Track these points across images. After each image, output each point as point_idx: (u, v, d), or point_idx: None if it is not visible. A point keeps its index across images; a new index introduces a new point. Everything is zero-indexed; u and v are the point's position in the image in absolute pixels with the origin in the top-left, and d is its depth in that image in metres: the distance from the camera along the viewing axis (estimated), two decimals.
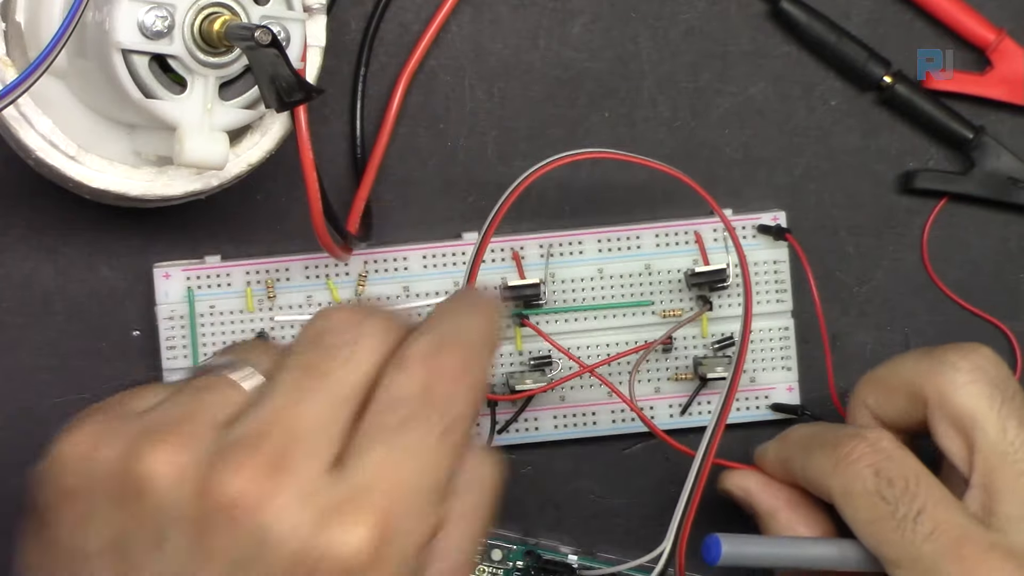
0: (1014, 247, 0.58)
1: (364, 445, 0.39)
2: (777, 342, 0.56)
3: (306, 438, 0.38)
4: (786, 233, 0.55)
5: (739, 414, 0.56)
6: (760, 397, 0.56)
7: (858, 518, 0.48)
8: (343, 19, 0.54)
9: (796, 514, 0.51)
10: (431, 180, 0.55)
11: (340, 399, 0.39)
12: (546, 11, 0.55)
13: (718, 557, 0.48)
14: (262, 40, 0.42)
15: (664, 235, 0.55)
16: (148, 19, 0.43)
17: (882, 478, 0.47)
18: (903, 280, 0.57)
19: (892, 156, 0.57)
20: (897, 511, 0.47)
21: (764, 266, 0.56)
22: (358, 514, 0.38)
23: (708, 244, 0.55)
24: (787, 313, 0.56)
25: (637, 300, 0.55)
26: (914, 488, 0.47)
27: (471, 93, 0.55)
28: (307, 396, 0.39)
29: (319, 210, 0.45)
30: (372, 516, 0.38)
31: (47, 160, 0.47)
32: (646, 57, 0.56)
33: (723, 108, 0.56)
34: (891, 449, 0.48)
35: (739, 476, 0.53)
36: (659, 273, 0.55)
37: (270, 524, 0.37)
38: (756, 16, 0.56)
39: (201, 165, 0.45)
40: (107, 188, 0.47)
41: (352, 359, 0.40)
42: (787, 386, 0.56)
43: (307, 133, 0.45)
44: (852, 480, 0.48)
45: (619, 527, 0.57)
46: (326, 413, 0.39)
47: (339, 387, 0.40)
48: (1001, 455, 0.47)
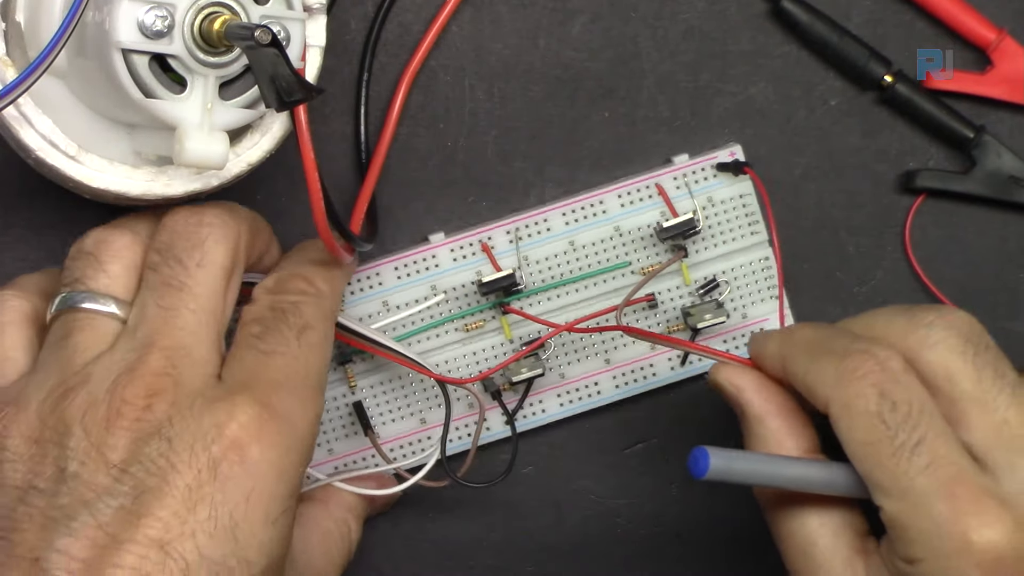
0: (1014, 247, 0.58)
1: (234, 353, 0.46)
2: (761, 274, 0.56)
3: (183, 351, 0.44)
4: (744, 167, 0.54)
5: (737, 352, 0.55)
6: (756, 330, 0.56)
7: (854, 437, 0.46)
8: (343, 19, 0.54)
9: (786, 423, 0.49)
10: (431, 180, 0.55)
11: (202, 307, 0.45)
12: (546, 11, 0.55)
13: (705, 470, 0.46)
14: (262, 40, 0.42)
15: (627, 194, 0.55)
16: (148, 19, 0.43)
17: (886, 400, 0.45)
18: (903, 280, 0.57)
19: (892, 156, 0.57)
20: (896, 437, 0.45)
21: (732, 202, 0.55)
22: (242, 399, 0.44)
23: (672, 194, 0.55)
24: (764, 243, 0.56)
25: (614, 263, 0.55)
26: (916, 416, 0.45)
27: (471, 93, 0.55)
28: (172, 314, 0.45)
29: (321, 209, 0.45)
30: (253, 399, 0.44)
31: (47, 160, 0.47)
32: (646, 57, 0.56)
33: (723, 108, 0.56)
34: (899, 371, 0.46)
35: (734, 371, 0.50)
36: (629, 233, 0.55)
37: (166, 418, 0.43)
38: (756, 16, 0.56)
39: (201, 165, 0.45)
40: (107, 188, 0.47)
41: (203, 263, 0.46)
42: (779, 315, 0.56)
43: (308, 133, 0.45)
44: (855, 397, 0.46)
45: (619, 527, 0.57)
46: (192, 323, 0.45)
47: (198, 297, 0.45)
48: (981, 405, 0.46)
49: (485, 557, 0.56)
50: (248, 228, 0.48)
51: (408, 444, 0.55)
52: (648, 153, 0.56)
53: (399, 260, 0.54)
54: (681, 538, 0.57)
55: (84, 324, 0.46)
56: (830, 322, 0.55)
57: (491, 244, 0.54)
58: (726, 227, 0.55)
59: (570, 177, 0.55)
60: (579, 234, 0.55)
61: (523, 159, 0.55)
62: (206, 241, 0.46)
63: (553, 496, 0.57)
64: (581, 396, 0.56)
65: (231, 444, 0.43)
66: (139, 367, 0.44)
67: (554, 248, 0.55)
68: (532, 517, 0.56)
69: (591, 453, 0.57)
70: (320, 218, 0.45)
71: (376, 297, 0.54)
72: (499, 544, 0.56)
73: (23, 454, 0.44)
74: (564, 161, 0.55)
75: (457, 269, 0.54)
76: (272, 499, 0.43)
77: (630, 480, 0.57)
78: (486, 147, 0.55)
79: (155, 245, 0.46)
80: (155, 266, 0.46)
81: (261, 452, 0.43)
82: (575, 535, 0.57)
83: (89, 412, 0.43)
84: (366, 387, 0.55)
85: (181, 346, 0.44)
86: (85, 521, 0.42)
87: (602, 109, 0.56)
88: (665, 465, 0.57)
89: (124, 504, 0.42)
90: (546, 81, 0.55)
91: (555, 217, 0.55)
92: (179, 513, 0.42)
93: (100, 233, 0.47)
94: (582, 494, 0.57)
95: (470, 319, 0.55)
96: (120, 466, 0.42)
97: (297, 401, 0.45)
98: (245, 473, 0.43)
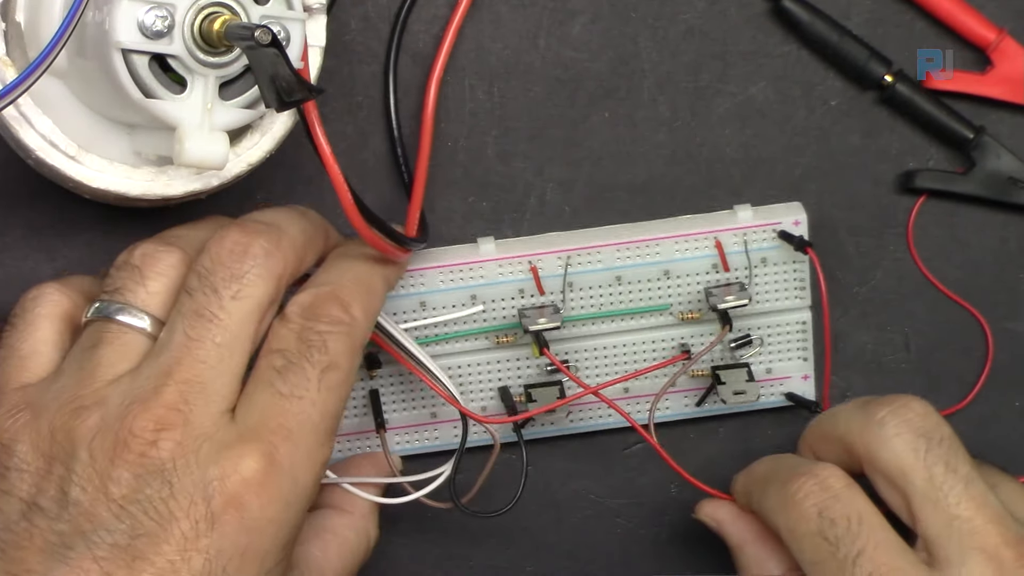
0: (1014, 247, 0.58)
1: (251, 390, 0.45)
2: (795, 334, 0.56)
3: (200, 387, 0.44)
4: (807, 247, 0.54)
5: (755, 402, 0.56)
6: (775, 385, 0.56)
7: (803, 558, 0.48)
8: (343, 19, 0.54)
9: (764, 549, 0.52)
10: (431, 180, 0.55)
11: (228, 342, 0.44)
12: (546, 11, 0.55)
13: None
14: (262, 40, 0.42)
15: (684, 241, 0.55)
16: (148, 19, 0.43)
17: (825, 518, 0.48)
18: (903, 280, 0.57)
19: (892, 156, 0.57)
20: (838, 551, 0.47)
21: (784, 266, 0.55)
22: (248, 449, 0.43)
23: (728, 248, 0.55)
24: (806, 308, 0.56)
25: (655, 304, 0.55)
26: (856, 529, 0.47)
27: (471, 93, 0.55)
28: (196, 345, 0.44)
29: (351, 203, 0.45)
30: (261, 449, 0.43)
31: (47, 160, 0.47)
32: (646, 57, 0.55)
33: (723, 108, 0.56)
34: (838, 488, 0.48)
35: (711, 506, 0.54)
36: (677, 277, 0.55)
37: (170, 458, 0.42)
38: (756, 16, 0.56)
39: (201, 165, 0.45)
40: (107, 188, 0.47)
41: (239, 296, 0.45)
42: (803, 375, 0.56)
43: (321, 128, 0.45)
44: (797, 520, 0.48)
45: (619, 527, 0.57)
46: (215, 357, 0.44)
47: (227, 330, 0.44)
48: (933, 502, 0.47)
49: (485, 557, 0.56)
50: (297, 260, 0.47)
51: (415, 432, 0.55)
52: (648, 153, 0.56)
53: (445, 266, 0.54)
54: (681, 538, 0.57)
55: (114, 337, 0.45)
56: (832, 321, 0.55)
57: (540, 267, 0.54)
58: (772, 287, 0.55)
59: (571, 177, 0.55)
60: (628, 271, 0.55)
61: (523, 159, 0.55)
62: (247, 274, 0.45)
63: (553, 496, 0.57)
64: (592, 417, 0.56)
65: (231, 499, 0.43)
66: (152, 399, 0.43)
67: (600, 279, 0.55)
68: (532, 517, 0.56)
69: (590, 453, 0.57)
70: (353, 215, 0.45)
71: (415, 296, 0.54)
72: (499, 544, 0.56)
73: (31, 464, 0.43)
74: (564, 161, 0.55)
75: (501, 283, 0.54)
76: (268, 553, 0.43)
77: (630, 480, 0.57)
78: (486, 147, 0.55)
79: (196, 267, 0.45)
80: (191, 291, 0.45)
81: (261, 509, 0.43)
82: (575, 535, 0.57)
83: (98, 437, 0.43)
84: (384, 375, 0.54)
85: (198, 380, 0.44)
86: (82, 553, 0.42)
87: (602, 109, 0.55)
88: (665, 465, 0.56)
89: (120, 543, 0.42)
90: (546, 81, 0.55)
91: (608, 252, 0.55)
92: (173, 562, 0.42)
93: (149, 246, 0.46)
94: (582, 494, 0.57)
95: (503, 334, 0.54)
96: (120, 502, 0.42)
97: (305, 453, 0.44)
98: (243, 529, 0.43)
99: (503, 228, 0.55)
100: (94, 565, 0.42)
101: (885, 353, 0.58)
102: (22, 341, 0.47)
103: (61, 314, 0.47)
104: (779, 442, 0.57)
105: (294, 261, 0.46)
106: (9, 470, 0.44)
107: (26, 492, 0.43)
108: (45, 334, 0.47)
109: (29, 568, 0.42)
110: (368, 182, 0.54)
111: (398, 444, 0.55)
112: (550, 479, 0.57)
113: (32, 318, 0.47)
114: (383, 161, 0.54)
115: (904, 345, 0.58)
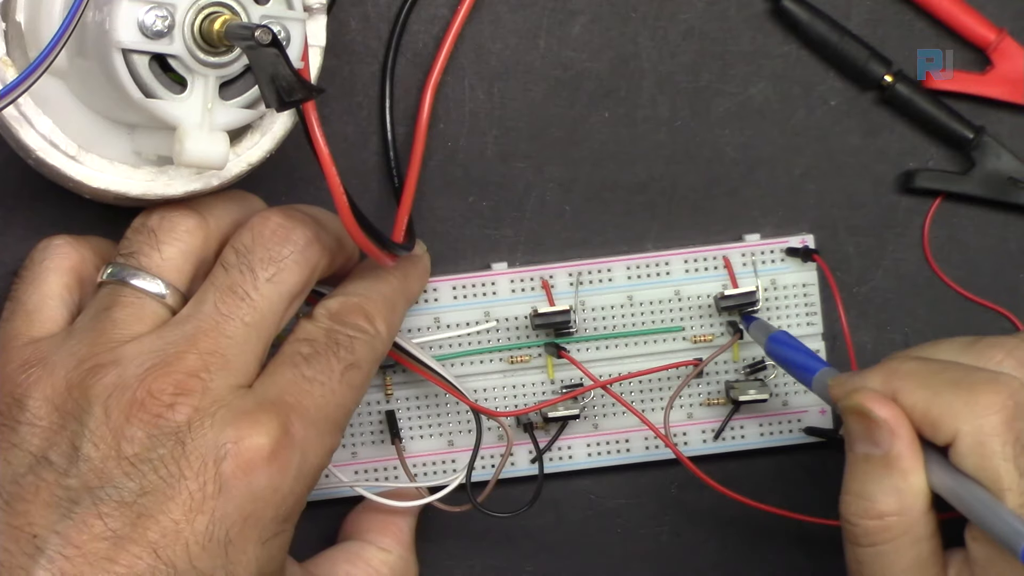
0: (1014, 247, 0.58)
1: (273, 369, 0.45)
2: None
3: (223, 359, 0.44)
4: (813, 254, 0.55)
5: (772, 438, 0.56)
6: (792, 420, 0.56)
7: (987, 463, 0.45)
8: (343, 19, 0.54)
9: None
10: (431, 180, 0.55)
11: (257, 322, 0.45)
12: (546, 11, 0.55)
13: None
14: (262, 40, 0.42)
15: (693, 260, 0.55)
16: (148, 19, 0.43)
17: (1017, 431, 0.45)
18: (903, 280, 0.57)
19: (892, 156, 0.57)
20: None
21: (793, 289, 0.55)
22: (265, 418, 0.43)
23: (737, 269, 0.55)
24: (818, 336, 0.56)
25: (668, 326, 0.55)
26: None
27: (471, 93, 0.55)
28: (225, 320, 0.45)
29: (346, 206, 0.45)
30: (276, 422, 0.44)
31: (47, 160, 0.47)
32: (646, 57, 0.56)
33: (723, 108, 0.56)
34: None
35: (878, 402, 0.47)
36: (689, 299, 0.55)
37: (186, 422, 0.43)
38: (756, 16, 0.56)
39: (201, 165, 0.45)
40: (107, 188, 0.47)
41: (274, 280, 0.45)
42: (819, 409, 0.56)
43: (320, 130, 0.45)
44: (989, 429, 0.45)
45: (619, 527, 0.57)
46: (242, 335, 0.45)
47: (257, 311, 0.45)
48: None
49: (485, 557, 0.56)
50: (330, 257, 0.47)
51: (432, 463, 0.55)
52: (648, 153, 0.56)
53: (458, 280, 0.54)
54: (681, 538, 0.57)
55: (129, 302, 0.46)
56: (831, 322, 0.55)
57: (552, 282, 0.54)
58: (783, 312, 0.55)
59: (571, 177, 0.55)
60: (639, 290, 0.55)
61: (523, 159, 0.55)
62: (286, 259, 0.46)
63: (553, 496, 0.57)
64: (611, 450, 0.56)
65: (242, 464, 0.43)
66: (174, 362, 0.44)
67: (612, 299, 0.55)
68: (532, 517, 0.56)
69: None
70: (347, 218, 0.45)
71: (429, 312, 0.54)
72: (499, 544, 0.56)
73: (43, 419, 0.44)
74: (564, 161, 0.55)
75: (514, 300, 0.54)
76: (269, 522, 0.44)
77: (630, 480, 0.57)
78: (486, 147, 0.55)
79: (235, 243, 0.46)
80: (228, 266, 0.46)
81: (269, 477, 0.43)
82: (575, 535, 0.57)
83: (115, 394, 0.43)
84: (401, 398, 0.54)
85: (222, 353, 0.44)
86: (87, 508, 0.42)
87: (602, 109, 0.55)
88: (665, 465, 0.57)
89: (126, 500, 0.42)
90: (546, 81, 0.55)
91: (619, 269, 0.55)
92: (178, 522, 0.42)
93: (166, 211, 0.47)
94: (582, 494, 0.57)
95: (516, 352, 0.54)
96: (131, 460, 0.42)
97: (317, 434, 0.45)
98: (250, 495, 0.43)
99: (503, 228, 0.55)
100: (98, 521, 0.42)
101: (885, 353, 0.57)
102: (29, 295, 0.47)
103: (69, 268, 0.47)
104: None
105: (328, 257, 0.47)
106: (20, 424, 0.44)
107: (36, 446, 0.43)
108: (52, 288, 0.47)
109: (32, 521, 0.42)
110: (368, 182, 0.54)
111: (416, 474, 0.55)
112: (550, 479, 0.56)
113: (40, 271, 0.48)
114: (383, 162, 0.54)
115: (904, 345, 0.58)
